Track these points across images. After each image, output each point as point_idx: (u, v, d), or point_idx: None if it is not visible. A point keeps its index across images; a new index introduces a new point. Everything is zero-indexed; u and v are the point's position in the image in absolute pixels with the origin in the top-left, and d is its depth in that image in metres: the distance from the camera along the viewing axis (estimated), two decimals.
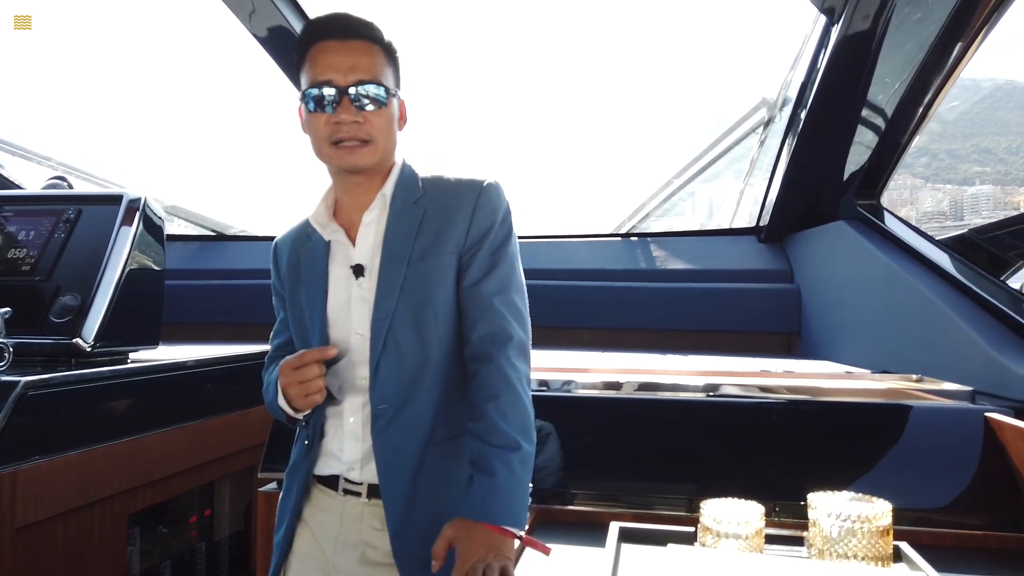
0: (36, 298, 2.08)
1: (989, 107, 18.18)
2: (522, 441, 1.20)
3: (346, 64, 1.23)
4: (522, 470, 1.19)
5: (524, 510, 1.18)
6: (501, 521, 1.14)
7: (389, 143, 1.31)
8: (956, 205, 10.86)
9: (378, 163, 1.30)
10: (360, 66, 1.24)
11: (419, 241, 1.30)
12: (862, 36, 2.40)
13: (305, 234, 1.42)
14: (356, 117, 1.23)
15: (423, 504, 1.28)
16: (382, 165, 1.33)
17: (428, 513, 1.27)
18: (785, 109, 3.26)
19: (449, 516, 1.24)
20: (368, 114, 1.25)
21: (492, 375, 1.24)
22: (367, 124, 1.25)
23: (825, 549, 1.17)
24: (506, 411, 1.21)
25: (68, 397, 1.80)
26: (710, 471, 1.62)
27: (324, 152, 1.29)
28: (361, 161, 1.27)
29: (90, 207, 2.27)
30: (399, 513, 1.27)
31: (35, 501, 1.64)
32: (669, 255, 3.77)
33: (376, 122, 1.26)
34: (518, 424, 1.21)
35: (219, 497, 2.43)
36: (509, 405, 1.22)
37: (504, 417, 1.20)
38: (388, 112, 1.28)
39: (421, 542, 1.26)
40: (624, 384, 1.89)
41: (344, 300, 1.33)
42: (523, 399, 1.24)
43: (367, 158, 1.27)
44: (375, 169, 1.32)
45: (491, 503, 1.15)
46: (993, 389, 1.84)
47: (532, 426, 1.25)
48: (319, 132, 1.26)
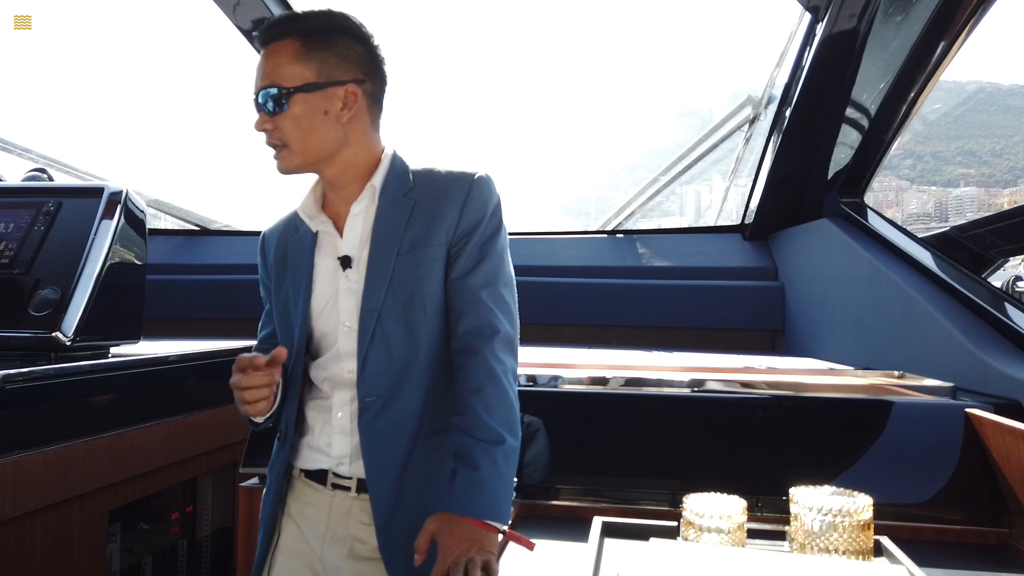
0: (15, 291, 2.06)
1: (973, 110, 18.38)
2: (506, 435, 1.19)
3: (261, 71, 1.24)
4: (506, 464, 1.19)
5: (508, 504, 1.18)
6: (484, 515, 1.14)
7: (310, 141, 1.25)
8: (941, 207, 10.97)
9: (307, 163, 1.28)
10: (265, 72, 1.23)
11: (408, 233, 1.28)
12: (846, 35, 2.42)
13: (293, 225, 1.41)
14: (265, 124, 1.24)
15: (410, 498, 1.27)
16: (330, 160, 1.29)
17: (415, 507, 1.27)
18: (770, 107, 3.28)
19: (436, 510, 1.24)
20: (276, 119, 1.23)
21: (477, 368, 1.24)
22: (276, 129, 1.24)
23: (807, 543, 1.18)
24: (491, 404, 1.20)
25: (47, 391, 1.78)
26: (693, 466, 1.63)
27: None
28: (282, 165, 1.27)
29: (70, 200, 2.23)
30: (386, 507, 1.26)
31: (13, 496, 1.62)
32: (655, 252, 3.78)
33: (284, 125, 1.23)
34: (502, 418, 1.21)
35: (201, 493, 2.41)
36: (494, 399, 1.21)
37: (488, 410, 1.20)
38: (294, 112, 1.23)
39: (408, 536, 1.25)
40: (609, 380, 1.89)
41: (331, 292, 1.32)
42: (508, 393, 1.24)
43: (286, 161, 1.26)
44: (322, 165, 1.29)
45: (474, 497, 1.15)
46: (974, 385, 1.85)
47: (517, 420, 1.24)
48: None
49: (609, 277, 3.61)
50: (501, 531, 1.15)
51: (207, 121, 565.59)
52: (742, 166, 3.79)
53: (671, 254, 3.74)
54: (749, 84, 3.47)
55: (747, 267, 3.55)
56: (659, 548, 1.13)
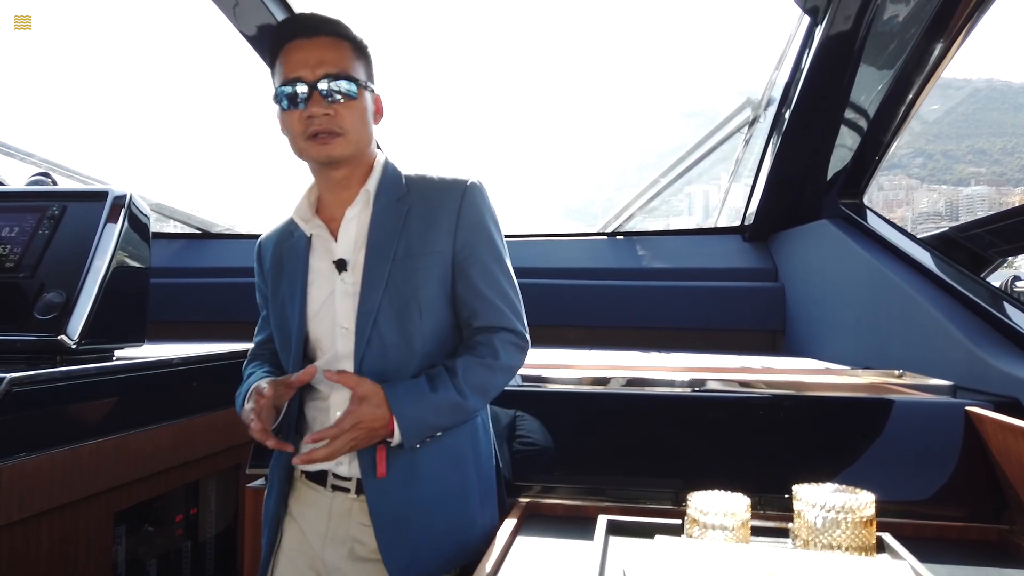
0: (20, 295, 2.06)
1: (984, 108, 18.37)
2: (472, 398, 1.28)
3: (313, 60, 1.25)
4: (451, 414, 1.27)
5: (416, 436, 1.25)
6: (401, 425, 1.22)
7: (363, 135, 1.31)
8: (951, 206, 10.97)
9: (353, 155, 1.31)
10: (327, 60, 1.26)
11: (403, 239, 1.31)
12: (845, 36, 2.43)
13: (288, 231, 1.43)
14: (327, 110, 1.25)
15: (407, 499, 1.28)
16: (359, 158, 1.34)
17: (412, 507, 1.28)
18: (770, 109, 3.29)
19: (434, 510, 1.26)
20: (339, 107, 1.26)
21: (484, 346, 1.31)
22: (338, 117, 1.26)
23: (810, 540, 1.18)
24: (475, 368, 1.29)
25: (53, 394, 1.79)
26: (696, 465, 1.64)
27: (301, 147, 1.30)
28: (335, 152, 1.28)
29: (75, 204, 2.24)
30: (382, 507, 1.28)
31: (19, 499, 1.62)
32: (655, 254, 3.79)
33: (347, 114, 1.27)
34: (478, 384, 1.29)
35: (205, 496, 2.42)
36: (481, 367, 1.29)
37: (470, 370, 1.28)
38: (359, 105, 1.29)
39: (406, 537, 1.27)
40: (611, 379, 1.90)
41: (327, 294, 1.34)
42: (498, 374, 1.32)
43: (340, 149, 1.28)
44: (353, 162, 1.33)
45: (412, 410, 1.23)
46: (974, 384, 1.86)
47: (488, 396, 1.34)
48: (294, 129, 1.28)
49: (609, 279, 3.61)
50: (387, 442, 1.25)
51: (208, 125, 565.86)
52: (741, 168, 3.80)
53: (672, 255, 3.75)
54: (755, 84, 3.48)
55: (747, 268, 3.56)
56: (664, 545, 1.14)
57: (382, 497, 1.28)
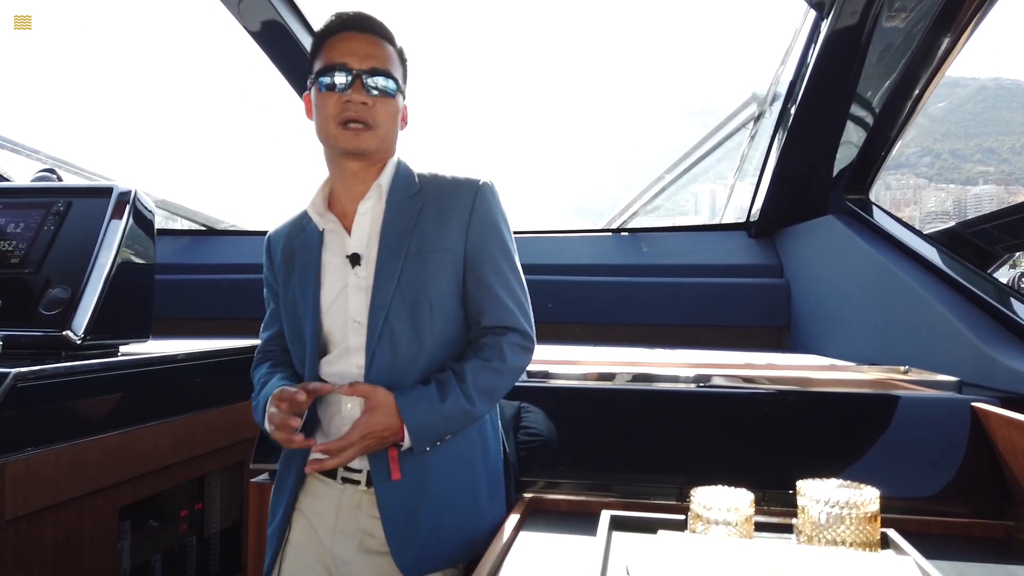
0: (25, 290, 2.07)
1: (993, 106, 18.31)
2: (480, 404, 1.29)
3: (363, 52, 1.29)
4: (460, 421, 1.29)
5: (426, 443, 1.27)
6: (412, 433, 1.24)
7: (390, 134, 1.35)
8: (960, 205, 10.92)
9: (377, 150, 1.34)
10: (375, 56, 1.30)
11: (416, 236, 1.33)
12: (851, 31, 2.42)
13: (299, 226, 1.44)
14: (365, 99, 1.28)
15: (416, 495, 1.29)
16: (381, 154, 1.36)
17: (421, 503, 1.29)
18: (775, 104, 3.27)
19: (443, 505, 1.26)
20: (377, 100, 1.29)
21: (491, 348, 1.32)
22: (374, 109, 1.29)
23: (814, 535, 1.18)
24: (483, 373, 1.30)
25: (58, 389, 1.79)
26: (700, 460, 1.63)
27: (330, 132, 1.31)
28: (364, 144, 1.30)
29: (80, 200, 2.25)
30: (391, 499, 1.28)
31: (25, 493, 1.63)
32: (661, 250, 3.78)
33: (382, 109, 1.31)
34: (486, 389, 1.30)
35: (210, 491, 2.43)
36: (488, 372, 1.30)
37: (478, 376, 1.29)
38: (394, 104, 1.33)
39: (415, 529, 1.27)
40: (616, 375, 1.90)
41: (339, 288, 1.35)
42: (504, 378, 1.33)
43: (369, 141, 1.30)
44: (373, 157, 1.35)
45: (422, 418, 1.25)
46: (980, 380, 1.86)
47: (495, 400, 1.35)
48: (328, 111, 1.30)
49: (614, 275, 3.61)
50: (398, 445, 1.27)
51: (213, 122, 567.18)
52: (747, 164, 3.78)
53: (677, 252, 3.74)
54: (760, 81, 3.45)
55: (753, 264, 3.55)
56: (668, 540, 1.14)
57: (392, 492, 1.29)
